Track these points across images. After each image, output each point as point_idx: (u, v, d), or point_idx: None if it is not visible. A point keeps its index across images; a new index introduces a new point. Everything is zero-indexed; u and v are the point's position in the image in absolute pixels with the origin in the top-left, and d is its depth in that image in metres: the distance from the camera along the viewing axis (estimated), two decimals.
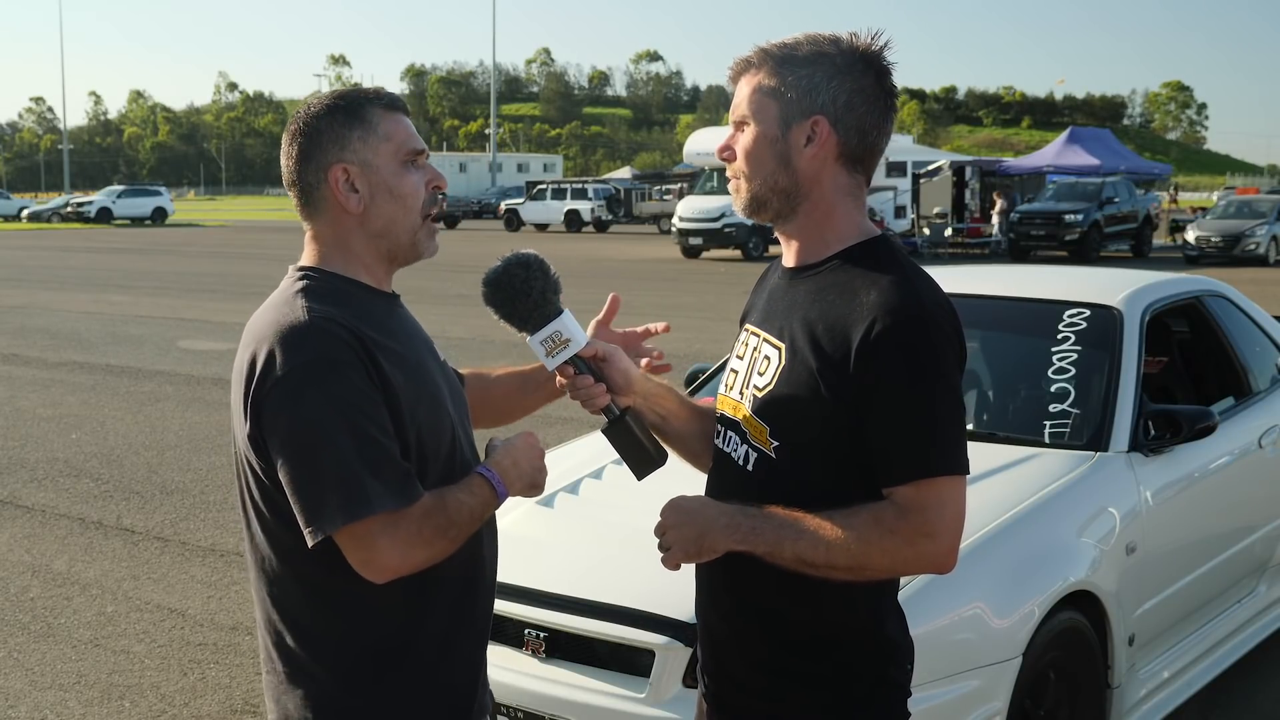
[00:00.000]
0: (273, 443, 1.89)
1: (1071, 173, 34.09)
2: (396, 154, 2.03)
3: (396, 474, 1.90)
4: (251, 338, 1.97)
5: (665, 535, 1.98)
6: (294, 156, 2.04)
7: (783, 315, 2.03)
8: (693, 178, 39.10)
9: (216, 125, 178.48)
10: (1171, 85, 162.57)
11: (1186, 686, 4.30)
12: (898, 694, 2.06)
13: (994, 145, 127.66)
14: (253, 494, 1.99)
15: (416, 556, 1.92)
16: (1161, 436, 4.10)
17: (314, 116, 2.03)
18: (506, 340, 13.84)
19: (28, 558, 6.48)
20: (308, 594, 1.99)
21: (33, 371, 12.69)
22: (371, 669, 1.99)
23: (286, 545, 1.96)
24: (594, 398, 2.10)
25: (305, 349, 1.89)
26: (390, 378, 1.94)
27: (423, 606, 2.01)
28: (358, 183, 2.01)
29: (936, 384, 1.88)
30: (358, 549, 1.89)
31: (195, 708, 4.66)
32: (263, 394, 1.89)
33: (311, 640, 2.00)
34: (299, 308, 1.95)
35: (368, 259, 2.06)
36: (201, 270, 27.36)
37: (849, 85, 1.97)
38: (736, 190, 2.06)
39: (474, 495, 1.99)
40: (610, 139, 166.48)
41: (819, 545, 1.87)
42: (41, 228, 53.72)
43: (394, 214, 2.03)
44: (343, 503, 1.85)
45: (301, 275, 2.04)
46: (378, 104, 2.04)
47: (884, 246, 2.01)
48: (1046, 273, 6.44)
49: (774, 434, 1.99)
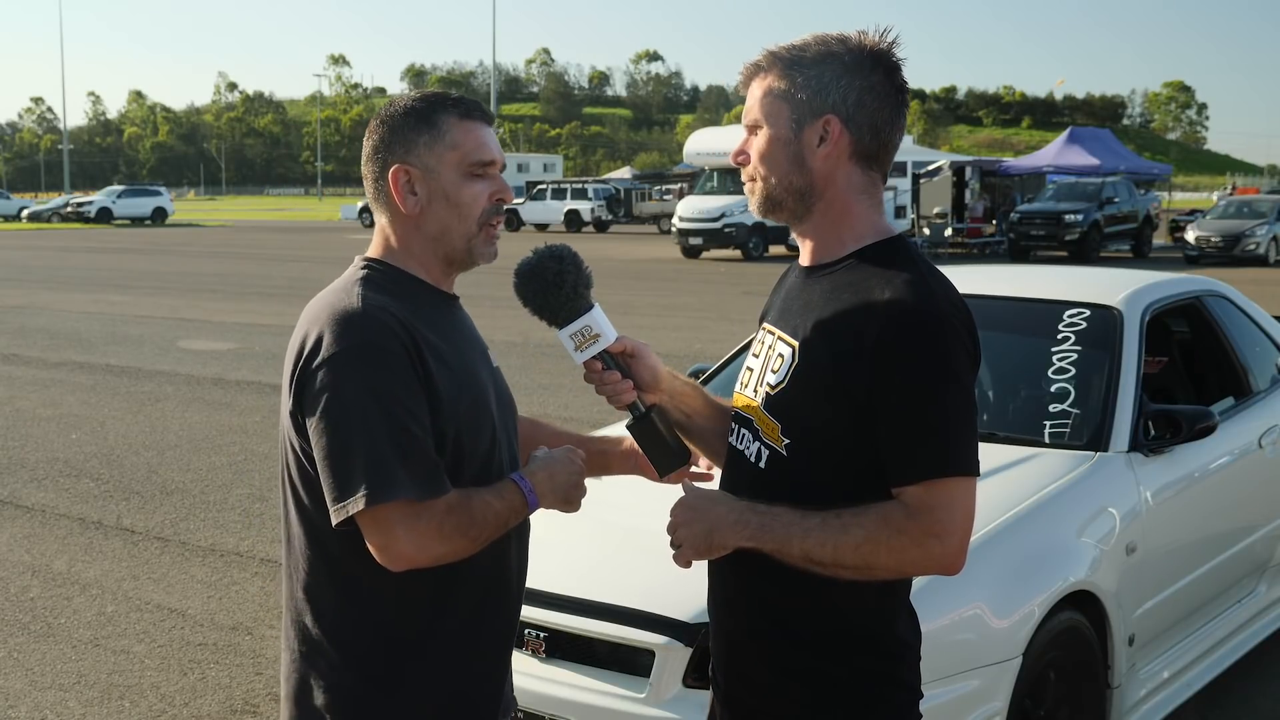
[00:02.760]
0: (310, 421, 1.94)
1: (1071, 173, 34.07)
2: (461, 163, 2.06)
3: (425, 465, 1.92)
4: (306, 320, 2.02)
5: (675, 533, 1.98)
6: (368, 148, 2.09)
7: (797, 314, 2.04)
8: (693, 178, 39.11)
9: (216, 125, 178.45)
10: (1172, 85, 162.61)
11: (1186, 686, 4.29)
12: (908, 695, 2.06)
13: (994, 145, 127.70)
14: (291, 473, 2.03)
15: (434, 550, 1.94)
16: (1161, 436, 4.10)
17: (393, 114, 2.08)
18: (507, 341, 13.84)
19: (28, 558, 6.48)
20: (332, 576, 2.02)
21: (33, 371, 12.69)
22: (385, 658, 2.02)
23: (317, 525, 2.00)
24: (621, 394, 2.12)
25: (353, 333, 1.93)
26: (434, 373, 1.97)
27: (443, 604, 2.04)
28: (417, 186, 2.06)
29: (949, 384, 1.88)
30: (376, 533, 1.92)
31: (195, 708, 4.66)
32: (307, 373, 1.94)
33: (330, 622, 2.03)
34: (355, 295, 2.00)
35: (425, 258, 2.10)
36: (201, 270, 27.35)
37: (859, 83, 1.97)
38: (752, 192, 2.07)
39: (502, 500, 2.01)
40: (610, 139, 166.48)
41: (827, 544, 1.88)
42: (41, 228, 53.71)
43: (449, 221, 2.07)
44: (367, 485, 1.88)
45: (364, 265, 2.09)
46: (454, 111, 2.07)
47: (899, 246, 2.02)
48: (1046, 273, 6.44)
49: (785, 431, 1.99)
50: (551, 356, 12.79)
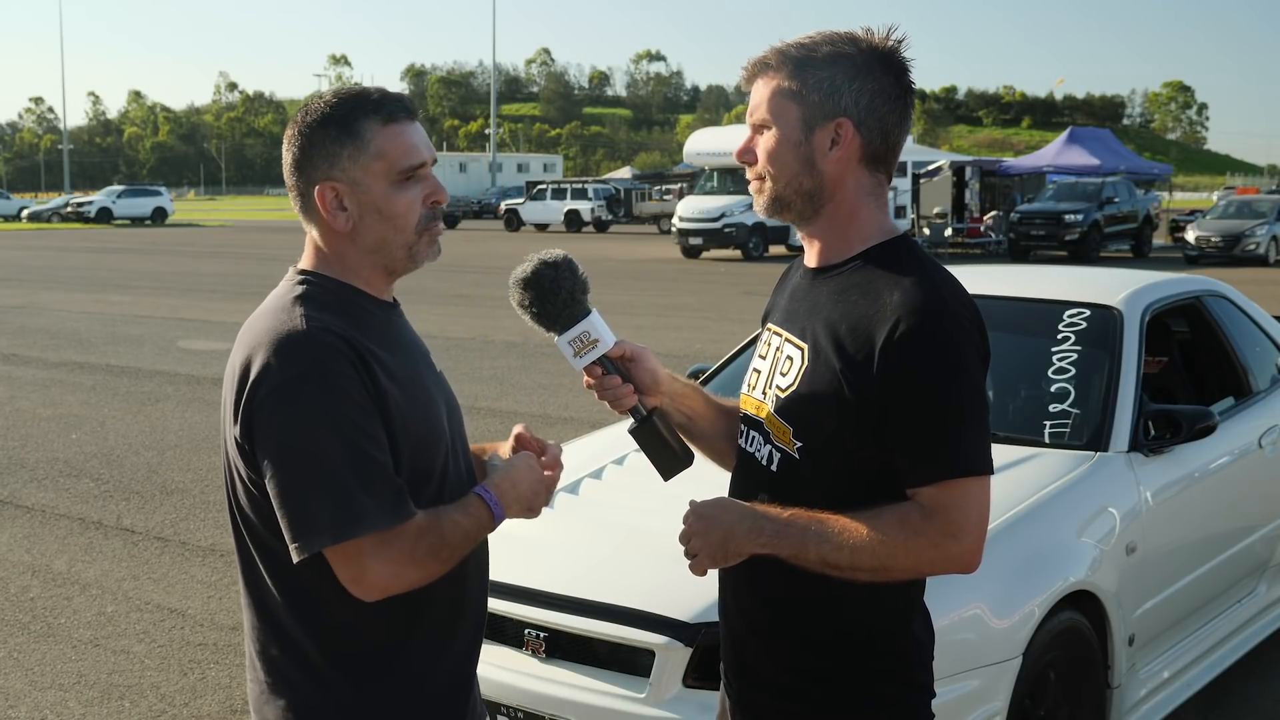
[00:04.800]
0: (262, 453, 1.84)
1: (1071, 173, 34.09)
2: (389, 172, 1.93)
3: (389, 490, 1.84)
4: (246, 342, 1.91)
5: (690, 542, 1.96)
6: (289, 161, 1.97)
7: (805, 315, 2.02)
8: (693, 178, 39.11)
9: (216, 125, 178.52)
10: (1172, 85, 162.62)
11: (1186, 686, 4.29)
12: (921, 694, 2.06)
13: (994, 145, 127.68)
14: (239, 500, 1.95)
15: (408, 576, 1.87)
16: (1161, 436, 4.10)
17: (309, 125, 1.94)
18: (507, 341, 13.84)
19: (28, 558, 6.48)
20: (291, 603, 1.94)
21: (33, 371, 12.69)
22: (352, 680, 1.95)
23: (273, 552, 1.92)
24: (621, 398, 2.10)
25: (300, 359, 1.83)
26: (386, 390, 1.88)
27: (406, 621, 1.96)
28: (346, 201, 1.93)
29: (960, 384, 1.87)
30: (348, 567, 1.84)
31: (195, 708, 4.66)
32: (255, 403, 1.84)
33: (294, 649, 1.95)
34: (296, 315, 1.88)
35: (364, 271, 1.99)
36: (201, 270, 27.35)
37: (870, 86, 1.95)
38: (759, 192, 2.04)
39: (469, 516, 1.93)
40: (610, 139, 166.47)
41: (843, 548, 1.87)
42: (41, 228, 53.72)
43: (384, 233, 1.95)
44: (332, 520, 1.80)
45: (300, 280, 1.97)
46: (375, 116, 1.93)
47: (906, 246, 2.01)
48: (1046, 273, 6.43)
49: (797, 434, 1.98)
50: (551, 357, 12.79)
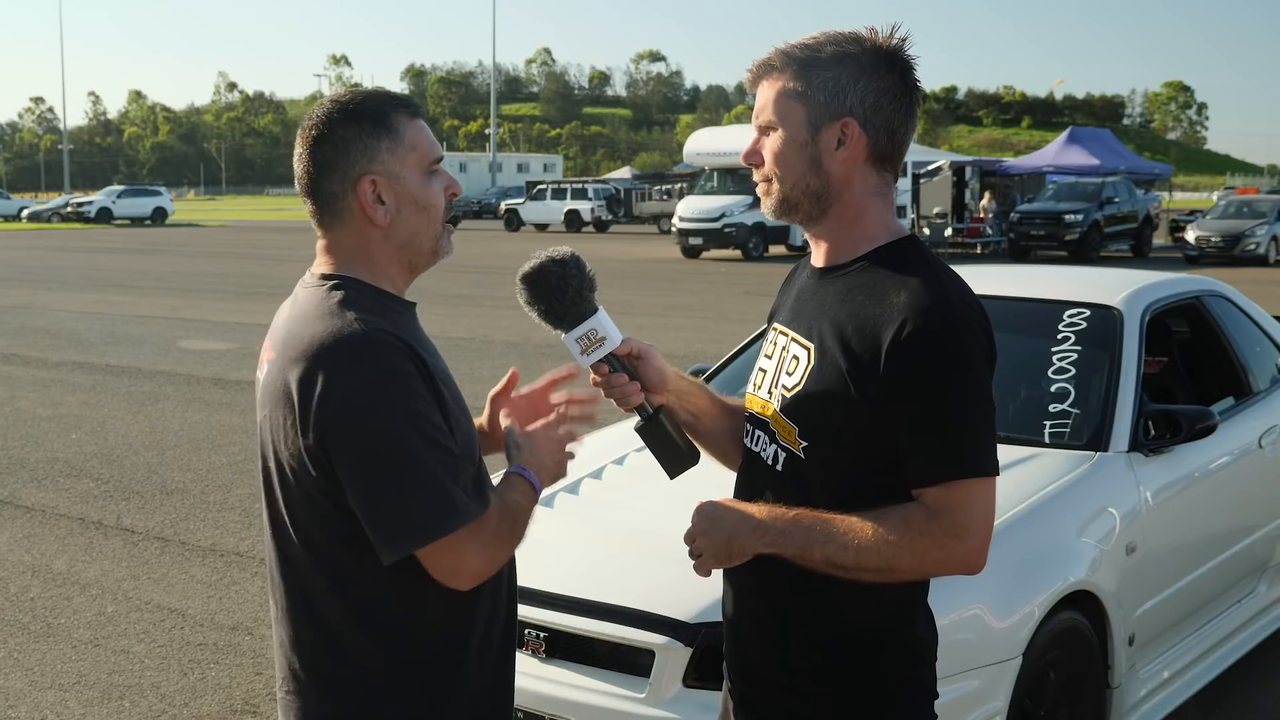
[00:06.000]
0: (344, 460, 1.85)
1: (1071, 173, 34.07)
2: (421, 164, 1.99)
3: (470, 480, 1.91)
4: (296, 352, 1.89)
5: (695, 542, 1.97)
6: (316, 165, 1.97)
7: (811, 315, 2.02)
8: (693, 178, 39.08)
9: (216, 125, 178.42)
10: (1172, 85, 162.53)
11: (1186, 686, 4.30)
12: (925, 694, 2.06)
13: (994, 145, 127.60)
14: (296, 514, 1.94)
15: (499, 558, 1.95)
16: (1161, 436, 4.10)
17: (338, 124, 1.95)
18: (507, 341, 13.84)
19: (28, 558, 6.48)
20: (356, 611, 1.95)
21: (33, 371, 12.68)
22: (409, 682, 1.97)
23: (337, 561, 1.93)
24: (628, 396, 2.11)
25: (367, 362, 1.85)
26: (440, 388, 1.93)
27: (461, 618, 1.99)
28: (385, 194, 1.96)
29: (967, 385, 1.87)
30: (446, 558, 1.88)
31: (195, 708, 4.66)
32: (330, 411, 1.84)
33: (351, 659, 1.96)
34: (349, 319, 1.89)
35: (391, 269, 2.02)
36: (201, 270, 27.35)
37: (876, 85, 1.95)
38: (766, 194, 2.04)
39: (520, 494, 2.00)
40: (610, 139, 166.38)
41: (848, 548, 1.87)
42: (41, 228, 53.70)
43: (418, 225, 2.00)
44: (431, 516, 1.84)
45: (336, 284, 1.97)
46: (402, 111, 1.99)
47: (913, 246, 2.01)
48: (1046, 273, 6.43)
49: (803, 434, 1.98)
50: (552, 357, 12.78)
